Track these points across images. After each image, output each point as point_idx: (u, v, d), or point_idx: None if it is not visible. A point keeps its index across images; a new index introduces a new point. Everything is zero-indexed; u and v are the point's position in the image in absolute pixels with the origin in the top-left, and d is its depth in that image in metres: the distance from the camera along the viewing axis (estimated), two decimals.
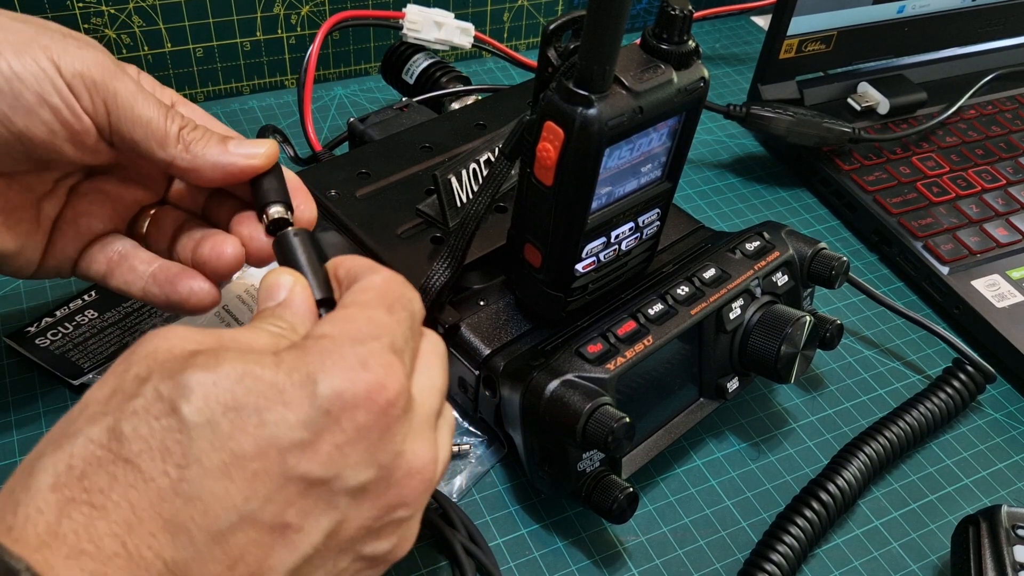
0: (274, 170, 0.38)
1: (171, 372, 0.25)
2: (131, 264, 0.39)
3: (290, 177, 0.39)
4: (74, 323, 0.48)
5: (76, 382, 0.46)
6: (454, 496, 0.44)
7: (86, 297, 0.50)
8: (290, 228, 0.36)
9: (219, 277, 0.39)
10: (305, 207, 0.39)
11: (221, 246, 0.38)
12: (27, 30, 0.33)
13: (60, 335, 0.48)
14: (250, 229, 0.38)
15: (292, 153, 0.56)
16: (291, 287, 0.32)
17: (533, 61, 0.65)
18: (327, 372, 0.26)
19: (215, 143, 0.37)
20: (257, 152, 0.37)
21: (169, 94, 0.39)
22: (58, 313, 0.49)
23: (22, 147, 0.34)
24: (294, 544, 0.25)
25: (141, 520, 0.23)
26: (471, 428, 0.47)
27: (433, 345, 0.32)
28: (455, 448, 0.45)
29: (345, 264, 0.33)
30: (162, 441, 0.24)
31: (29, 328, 0.48)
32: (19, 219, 0.38)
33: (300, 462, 0.25)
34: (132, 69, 0.38)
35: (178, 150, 0.36)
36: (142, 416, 0.24)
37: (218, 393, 0.25)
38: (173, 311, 0.40)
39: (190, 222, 0.41)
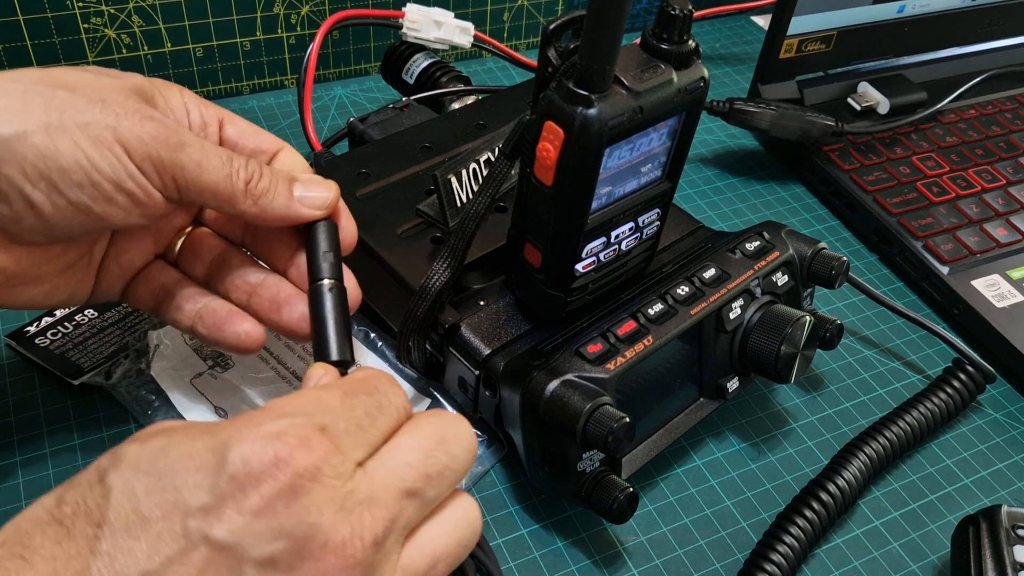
0: (329, 224, 0.39)
1: (115, 449, 0.27)
2: (177, 303, 0.40)
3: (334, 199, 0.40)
4: (74, 323, 0.48)
5: (76, 382, 0.46)
6: None
7: None
8: (325, 282, 0.37)
9: (272, 324, 0.40)
10: (347, 231, 0.40)
11: (286, 305, 0.39)
12: (91, 108, 0.33)
13: (60, 335, 0.48)
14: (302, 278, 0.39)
15: None
16: (320, 379, 0.34)
17: (533, 61, 0.65)
18: (239, 441, 0.26)
19: (282, 194, 0.37)
20: (323, 202, 0.38)
21: (214, 112, 0.39)
22: (58, 313, 0.49)
23: (97, 226, 0.35)
24: None
25: (58, 572, 0.25)
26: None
27: (434, 427, 0.31)
28: None
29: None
30: (87, 503, 0.26)
31: (29, 328, 0.48)
32: (74, 271, 0.38)
33: (202, 525, 0.25)
34: (176, 99, 0.38)
35: (247, 205, 0.37)
36: (81, 485, 0.27)
37: (139, 461, 0.27)
38: (220, 349, 0.41)
39: (233, 254, 0.41)
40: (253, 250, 0.41)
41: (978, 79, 0.71)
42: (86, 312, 0.49)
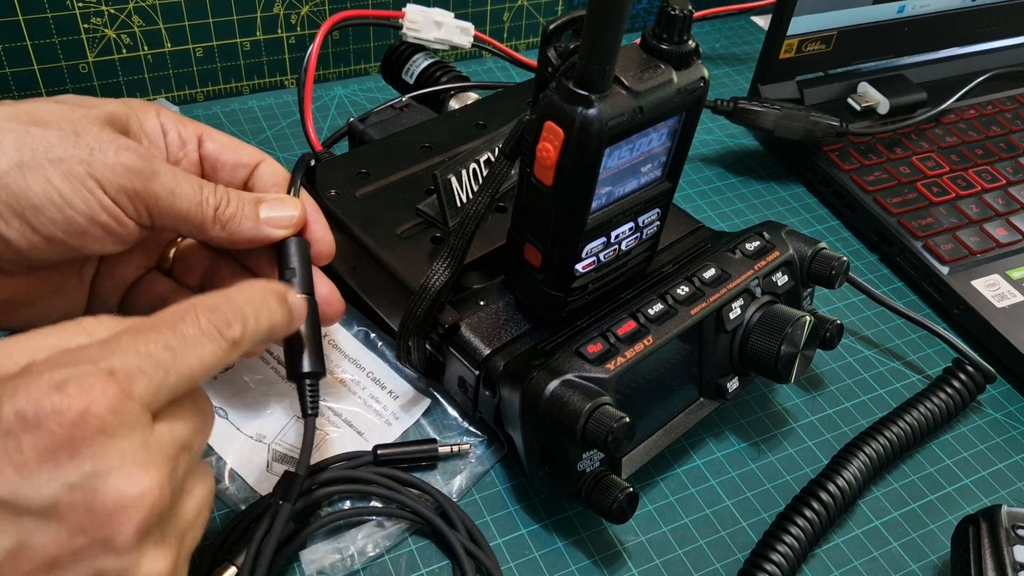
0: (298, 241, 0.40)
1: None
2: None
3: (310, 207, 0.41)
4: None
5: None
6: (454, 496, 0.44)
7: None
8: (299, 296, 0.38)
9: None
10: (322, 242, 0.41)
11: None
12: (64, 144, 0.34)
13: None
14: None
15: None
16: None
17: (533, 61, 0.65)
18: (15, 394, 0.26)
19: (249, 217, 0.38)
20: (288, 222, 0.39)
21: (192, 129, 0.40)
22: None
23: (74, 255, 0.36)
24: None
25: None
26: (471, 428, 0.47)
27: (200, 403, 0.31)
28: (454, 448, 0.45)
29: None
30: None
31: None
32: (65, 291, 0.39)
33: None
34: (151, 120, 0.39)
35: (216, 231, 0.37)
36: None
37: None
38: None
39: (223, 263, 0.42)
40: (240, 259, 0.42)
41: (981, 78, 0.71)
42: None
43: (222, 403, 0.45)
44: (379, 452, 0.44)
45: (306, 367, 0.37)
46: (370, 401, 0.47)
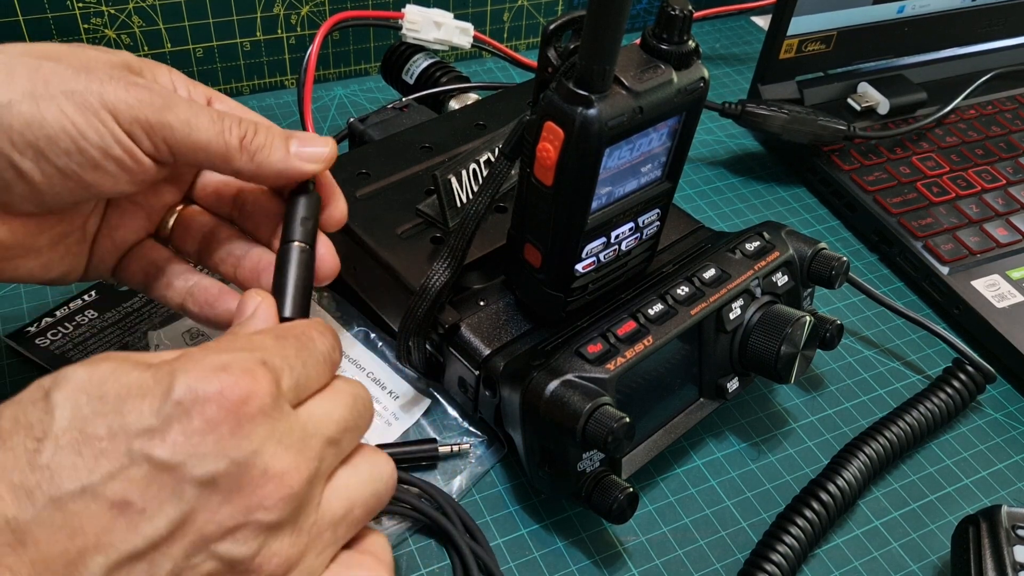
0: (313, 196, 0.39)
1: (59, 371, 0.27)
2: (167, 280, 0.41)
3: (324, 176, 0.40)
4: (74, 323, 0.48)
5: None
6: (454, 495, 0.44)
7: (86, 297, 0.50)
8: (295, 244, 0.37)
9: None
10: (334, 208, 0.40)
11: (265, 272, 0.39)
12: (77, 77, 0.33)
13: (60, 335, 0.48)
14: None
15: None
16: (257, 306, 0.34)
17: (533, 61, 0.65)
18: (186, 372, 0.27)
19: (279, 149, 0.37)
20: (320, 156, 0.38)
21: (202, 91, 0.40)
22: (58, 313, 0.49)
23: (87, 194, 0.35)
24: (136, 525, 0.26)
25: None
26: (471, 428, 0.47)
27: (350, 388, 0.33)
28: (454, 447, 0.45)
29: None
30: (28, 419, 0.26)
31: (29, 328, 0.48)
32: (68, 245, 0.39)
33: (146, 445, 0.26)
34: (164, 76, 0.38)
35: (243, 162, 0.37)
36: (22, 402, 0.27)
37: (87, 384, 0.27)
38: (211, 327, 0.42)
39: (222, 229, 0.41)
40: (241, 224, 0.42)
41: (985, 78, 0.71)
42: (87, 312, 0.49)
43: None
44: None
45: (287, 312, 0.36)
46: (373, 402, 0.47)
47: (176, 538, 0.26)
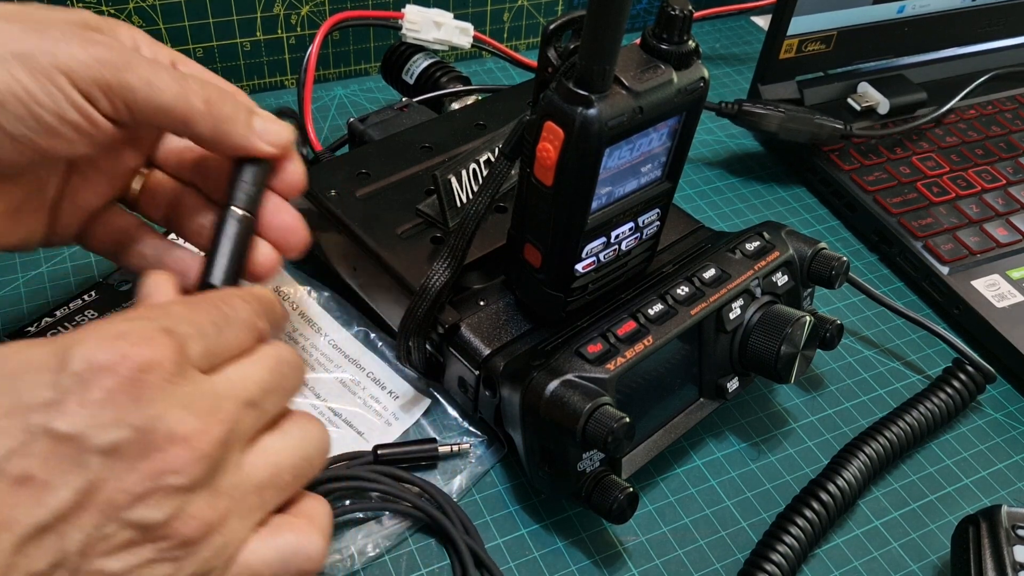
0: (263, 165, 0.38)
1: None
2: (139, 249, 0.41)
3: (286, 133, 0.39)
4: (74, 323, 0.48)
5: None
6: (454, 495, 0.44)
7: (86, 297, 0.50)
8: (231, 209, 0.37)
9: None
10: (290, 172, 0.39)
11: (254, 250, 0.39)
12: (28, 37, 0.32)
13: (59, 335, 0.48)
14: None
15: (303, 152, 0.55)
16: (150, 284, 0.34)
17: (532, 61, 0.65)
18: (82, 343, 0.27)
19: (242, 124, 0.37)
20: (279, 139, 0.38)
21: (166, 53, 0.39)
22: (58, 313, 0.49)
23: (42, 158, 0.34)
24: (40, 498, 0.26)
25: None
26: (471, 428, 0.47)
27: (275, 351, 0.32)
28: (454, 447, 0.45)
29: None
30: None
31: (29, 328, 0.48)
32: (26, 212, 0.38)
33: (44, 418, 0.26)
34: (126, 34, 0.37)
35: (205, 127, 0.36)
36: None
37: None
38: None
39: (188, 195, 0.41)
40: (205, 190, 0.41)
41: (984, 78, 0.70)
42: (86, 313, 0.49)
43: None
44: (379, 452, 0.44)
45: (214, 278, 0.36)
46: (370, 401, 0.47)
47: (84, 508, 0.26)
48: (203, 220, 0.40)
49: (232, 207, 0.37)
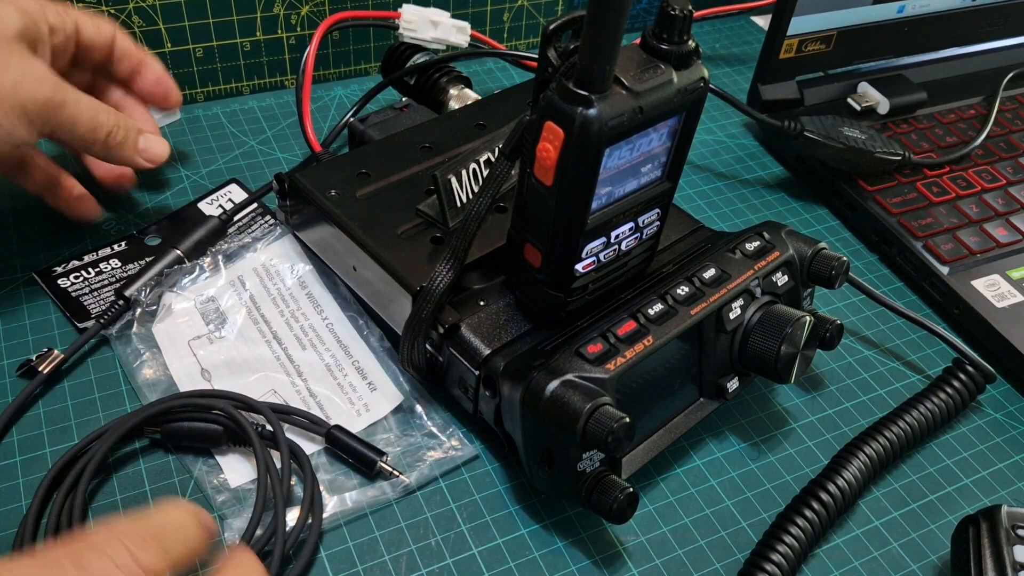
0: None
1: None
2: (28, 171, 0.51)
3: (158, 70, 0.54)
4: (96, 269, 0.52)
5: (80, 325, 0.49)
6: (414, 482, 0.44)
7: (115, 247, 0.54)
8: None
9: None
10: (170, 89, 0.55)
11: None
12: None
13: (81, 279, 0.51)
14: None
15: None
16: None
17: (532, 60, 0.65)
18: None
19: (130, 147, 0.49)
20: (157, 159, 0.51)
21: (108, 28, 0.51)
22: (86, 258, 0.52)
23: None
24: None
25: None
26: (436, 432, 0.47)
27: None
28: (394, 471, 0.44)
29: None
30: None
31: (56, 268, 0.51)
32: None
33: None
34: (59, 33, 0.47)
35: (98, 149, 0.48)
36: None
37: None
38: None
39: (101, 81, 0.55)
40: (125, 84, 0.55)
41: (1012, 73, 0.71)
42: (111, 261, 0.53)
43: (209, 365, 0.48)
44: (333, 432, 0.44)
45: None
46: (347, 388, 0.48)
47: None
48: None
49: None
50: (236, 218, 0.56)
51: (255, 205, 0.57)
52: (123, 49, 0.52)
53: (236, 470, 0.44)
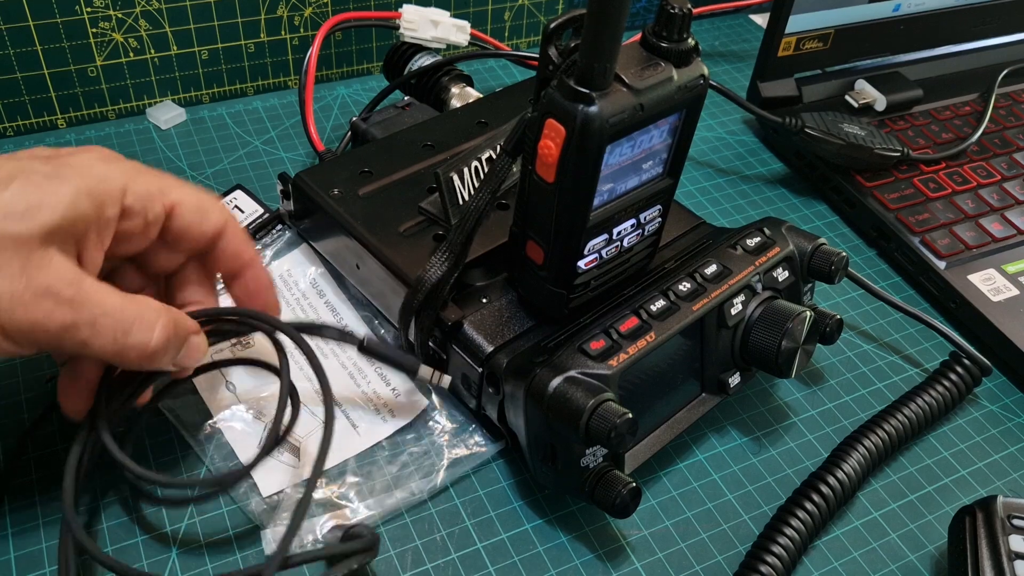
0: None
1: None
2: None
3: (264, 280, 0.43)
4: None
5: None
6: (437, 486, 0.44)
7: None
8: None
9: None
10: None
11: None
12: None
13: None
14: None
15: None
16: None
17: (533, 59, 0.66)
18: None
19: (169, 357, 0.38)
20: (191, 366, 0.40)
21: (216, 218, 0.41)
22: None
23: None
24: None
25: None
26: (474, 437, 0.47)
27: None
28: (434, 376, 0.44)
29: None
30: None
31: None
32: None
33: None
34: (112, 218, 0.38)
35: (129, 360, 0.37)
36: None
37: None
38: None
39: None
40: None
41: (1004, 72, 0.72)
42: None
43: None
44: (368, 344, 0.42)
45: None
46: (371, 395, 0.47)
47: None
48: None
49: None
50: (246, 225, 0.55)
51: (263, 212, 0.56)
52: (230, 248, 0.42)
53: (266, 480, 0.43)
